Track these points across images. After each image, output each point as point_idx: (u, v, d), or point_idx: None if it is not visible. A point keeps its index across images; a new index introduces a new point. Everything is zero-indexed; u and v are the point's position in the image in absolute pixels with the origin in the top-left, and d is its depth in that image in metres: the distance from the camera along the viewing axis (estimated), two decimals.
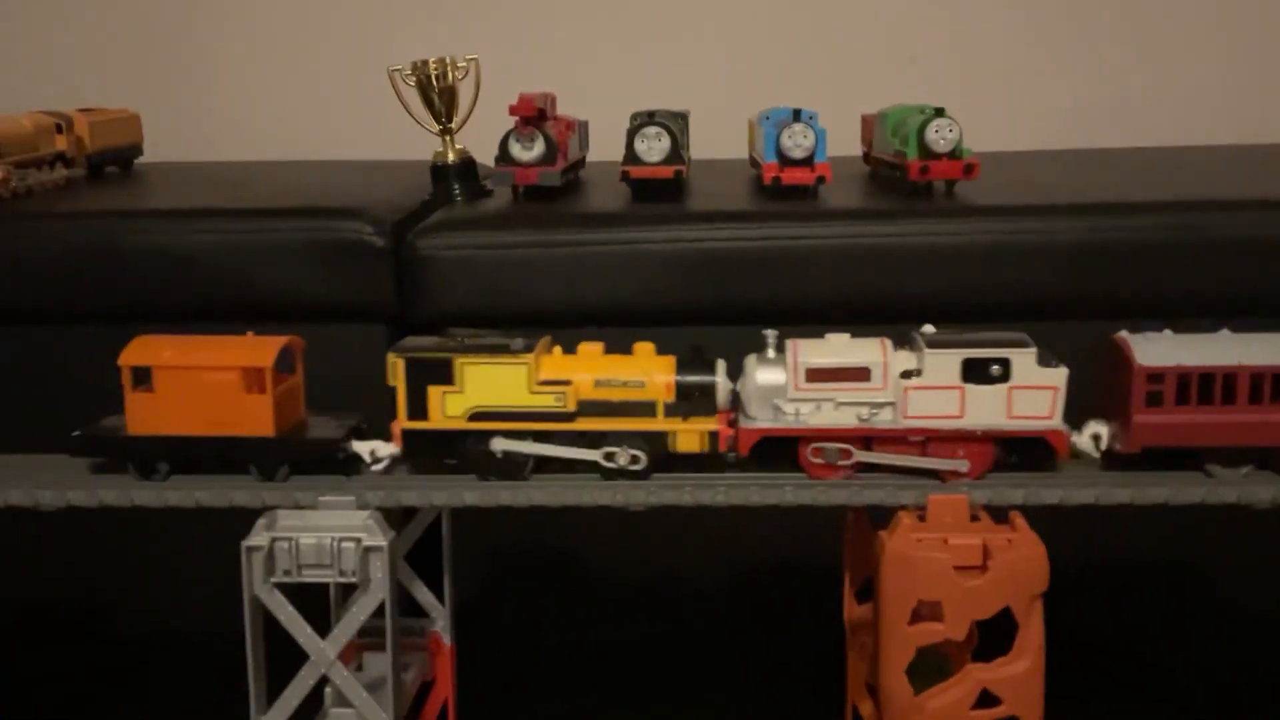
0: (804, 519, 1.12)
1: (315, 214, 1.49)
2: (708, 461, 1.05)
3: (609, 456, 1.03)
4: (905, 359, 1.04)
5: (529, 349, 1.03)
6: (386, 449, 1.06)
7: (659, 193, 1.58)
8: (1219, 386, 1.02)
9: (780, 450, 1.05)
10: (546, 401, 1.03)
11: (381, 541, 1.00)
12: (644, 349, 1.06)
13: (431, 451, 1.05)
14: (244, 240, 1.47)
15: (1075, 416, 1.05)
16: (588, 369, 1.04)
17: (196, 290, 1.47)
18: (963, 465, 1.03)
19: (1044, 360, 1.02)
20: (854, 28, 2.28)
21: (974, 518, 1.02)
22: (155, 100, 2.21)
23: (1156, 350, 1.03)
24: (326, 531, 1.00)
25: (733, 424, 1.04)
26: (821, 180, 1.53)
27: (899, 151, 1.56)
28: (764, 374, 1.04)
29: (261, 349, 1.05)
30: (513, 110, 1.57)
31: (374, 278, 1.47)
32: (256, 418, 1.05)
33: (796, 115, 1.53)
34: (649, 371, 1.04)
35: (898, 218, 1.43)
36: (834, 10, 2.28)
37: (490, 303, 1.45)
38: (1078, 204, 1.44)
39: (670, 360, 1.05)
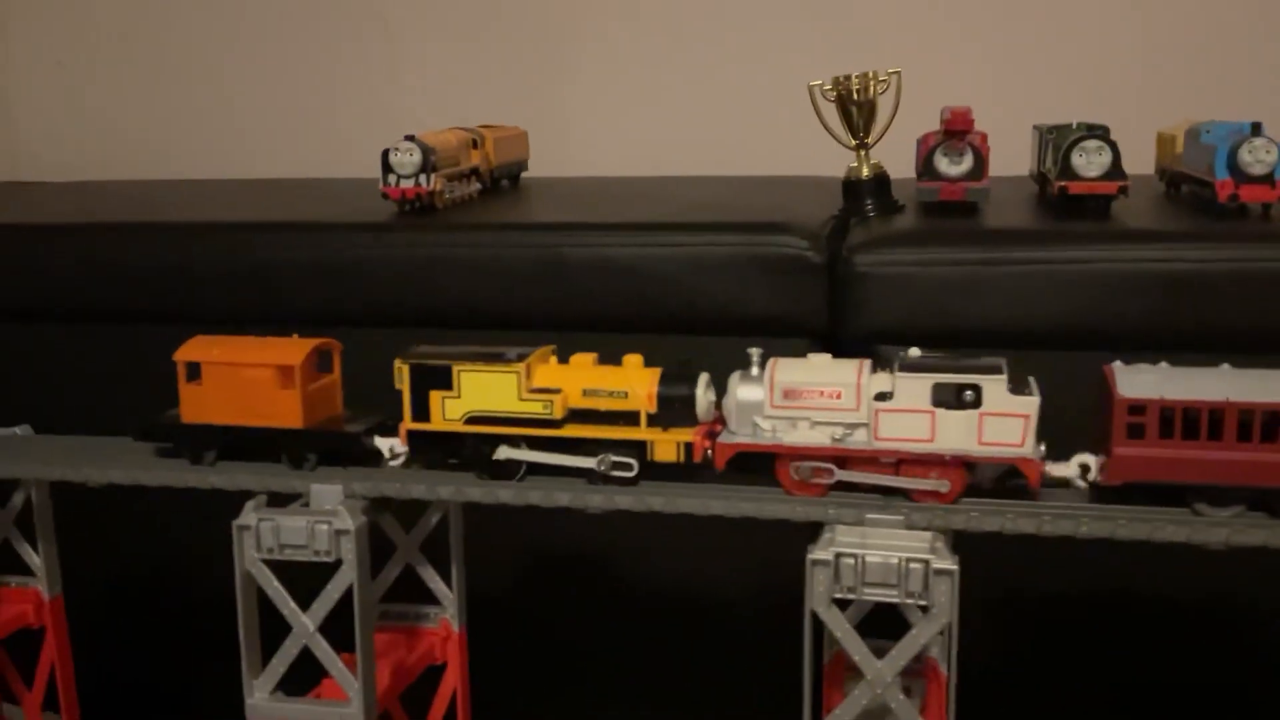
0: None
1: (753, 229, 1.51)
2: (685, 471, 1.09)
3: (601, 463, 1.09)
4: (880, 381, 1.05)
5: (522, 358, 1.10)
6: (402, 446, 1.15)
7: (1079, 210, 1.52)
8: (1205, 422, 0.98)
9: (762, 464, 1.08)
10: (536, 408, 1.09)
11: (950, 565, 0.97)
12: (633, 361, 1.11)
13: (433, 451, 1.14)
14: (682, 253, 1.50)
15: None
16: (577, 379, 1.10)
17: (634, 301, 1.51)
18: (943, 485, 1.03)
19: (1016, 388, 1.01)
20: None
21: None
22: (526, 115, 2.21)
23: (1141, 382, 1.00)
24: (890, 551, 0.98)
25: (710, 436, 1.08)
26: None
27: None
28: (744, 391, 1.07)
29: (295, 349, 1.16)
30: (946, 125, 1.56)
31: (808, 293, 1.48)
32: (288, 411, 1.16)
33: (1256, 130, 1.47)
34: (633, 383, 1.09)
35: None
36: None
37: (922, 321, 1.43)
38: None
39: (656, 373, 1.09)
